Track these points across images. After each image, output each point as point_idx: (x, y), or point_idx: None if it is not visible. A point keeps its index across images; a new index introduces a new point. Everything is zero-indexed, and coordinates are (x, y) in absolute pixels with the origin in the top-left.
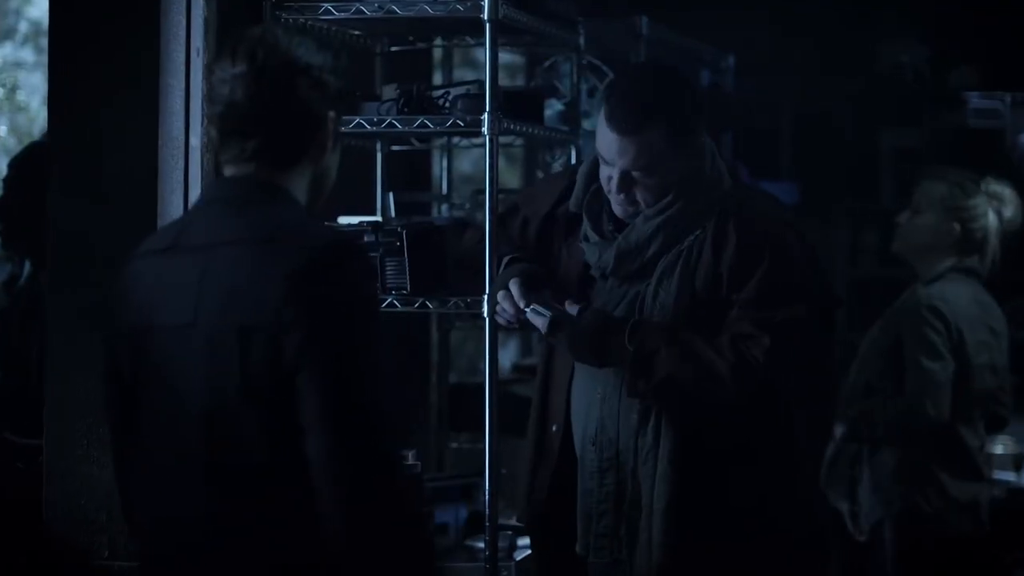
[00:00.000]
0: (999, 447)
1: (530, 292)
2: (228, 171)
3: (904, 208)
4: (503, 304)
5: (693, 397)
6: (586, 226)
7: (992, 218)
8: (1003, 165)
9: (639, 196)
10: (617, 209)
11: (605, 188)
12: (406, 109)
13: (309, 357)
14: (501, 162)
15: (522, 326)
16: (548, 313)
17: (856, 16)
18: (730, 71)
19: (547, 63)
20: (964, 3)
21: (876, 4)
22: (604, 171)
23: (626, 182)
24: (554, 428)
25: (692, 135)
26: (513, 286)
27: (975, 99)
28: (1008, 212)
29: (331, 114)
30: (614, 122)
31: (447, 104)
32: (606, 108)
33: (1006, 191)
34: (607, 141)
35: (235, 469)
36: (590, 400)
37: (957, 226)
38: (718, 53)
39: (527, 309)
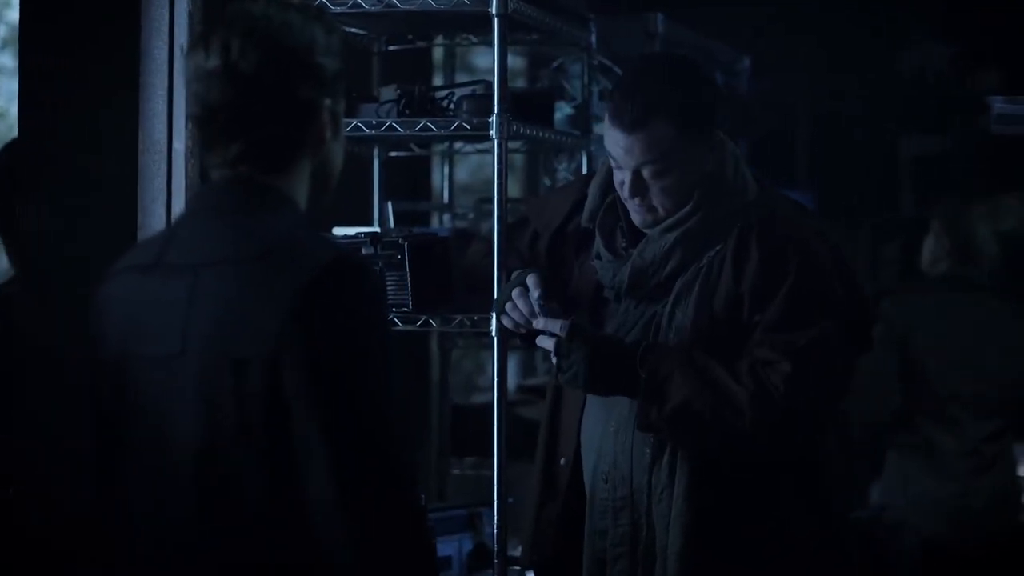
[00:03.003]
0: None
1: (547, 292)
2: (216, 175)
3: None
4: (517, 302)
5: (709, 428)
6: (598, 243)
7: (987, 229)
8: None
9: (655, 200)
10: (635, 218)
11: (621, 195)
12: (407, 111)
13: (313, 391)
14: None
15: (528, 336)
16: (561, 321)
17: (874, 17)
18: (745, 73)
19: (555, 64)
20: (987, 2)
21: (895, 5)
22: (617, 176)
23: (638, 184)
24: (562, 462)
25: (706, 130)
26: (531, 279)
27: (999, 103)
28: (1008, 224)
29: (326, 102)
30: (618, 119)
31: (451, 106)
32: (610, 106)
33: (1007, 204)
34: (613, 140)
35: (230, 511)
36: (602, 433)
37: (947, 240)
38: (733, 54)
39: (538, 301)
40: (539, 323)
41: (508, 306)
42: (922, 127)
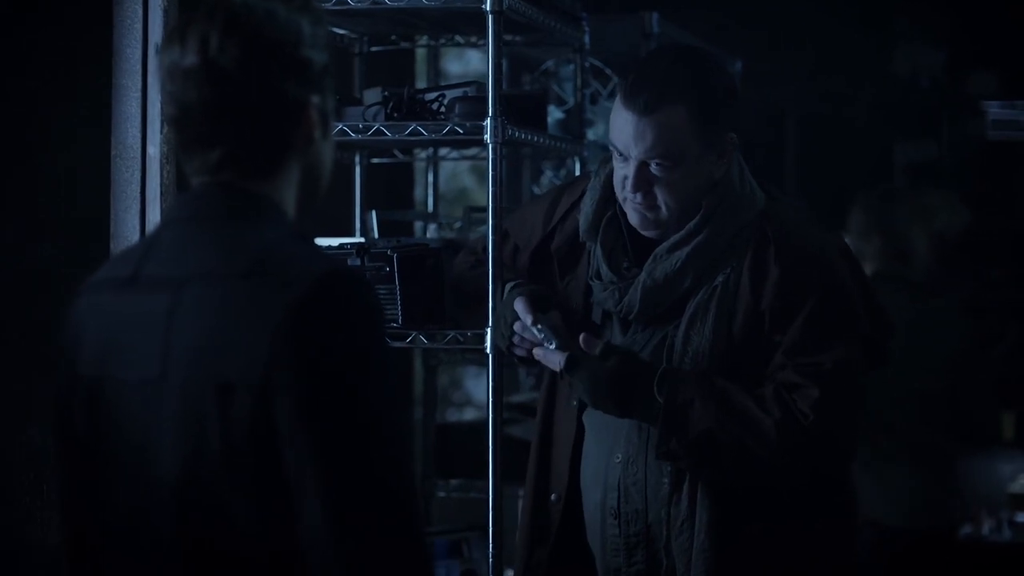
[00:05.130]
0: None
1: (538, 312)
2: (196, 182)
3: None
4: (523, 335)
5: (733, 457)
6: (599, 262)
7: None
8: None
9: (660, 198)
10: (633, 218)
11: (620, 195)
12: (395, 115)
13: (305, 418)
14: (471, 180)
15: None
16: (555, 341)
17: (869, 20)
18: (737, 77)
19: (544, 66)
20: (983, 5)
21: (890, 7)
22: (619, 171)
23: (643, 177)
24: (553, 497)
25: (720, 130)
26: (518, 304)
27: (993, 108)
28: (939, 222)
29: (314, 99)
30: (631, 101)
31: (442, 109)
32: (623, 88)
33: (935, 202)
34: (622, 125)
35: (214, 552)
36: (607, 465)
37: (878, 239)
38: (724, 57)
39: (534, 328)
40: (538, 354)
41: (516, 339)
42: (917, 132)
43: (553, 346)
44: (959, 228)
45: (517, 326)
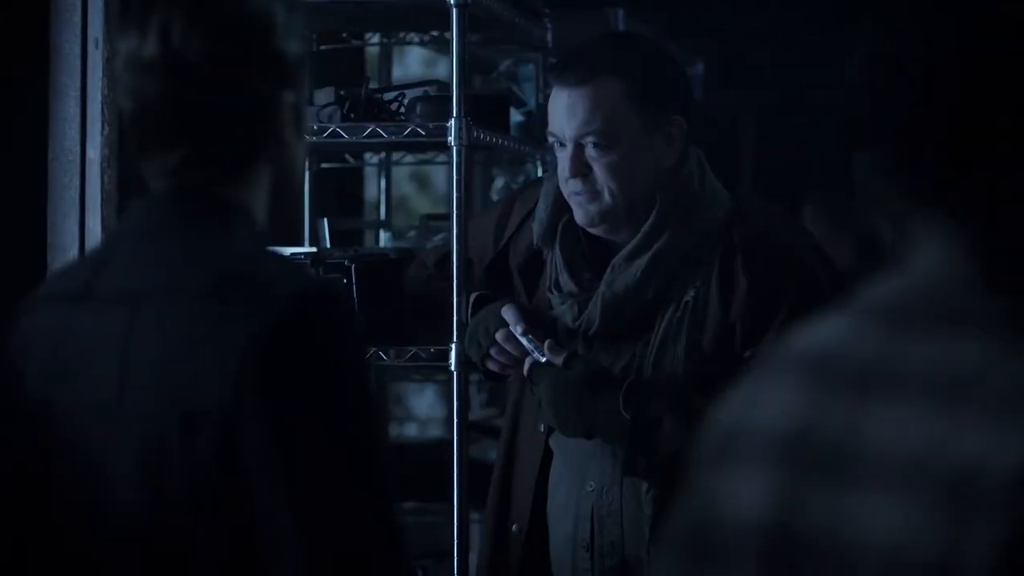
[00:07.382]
0: None
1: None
2: (155, 186)
3: None
4: (505, 345)
5: None
6: (559, 271)
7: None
8: None
9: (600, 183)
10: (577, 214)
11: (564, 191)
12: (352, 116)
13: (278, 457)
14: (411, 186)
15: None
16: (545, 353)
17: (832, 23)
18: (698, 79)
19: (501, 66)
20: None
21: (851, 11)
22: (561, 165)
23: (580, 159)
24: (515, 529)
25: (663, 109)
26: (508, 312)
27: None
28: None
29: (287, 95)
30: (563, 77)
31: (402, 109)
32: (557, 67)
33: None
34: (556, 107)
35: None
36: (578, 495)
37: (849, 239)
38: (684, 57)
39: (524, 337)
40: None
41: (495, 351)
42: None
43: (545, 359)
44: None
45: (499, 335)
